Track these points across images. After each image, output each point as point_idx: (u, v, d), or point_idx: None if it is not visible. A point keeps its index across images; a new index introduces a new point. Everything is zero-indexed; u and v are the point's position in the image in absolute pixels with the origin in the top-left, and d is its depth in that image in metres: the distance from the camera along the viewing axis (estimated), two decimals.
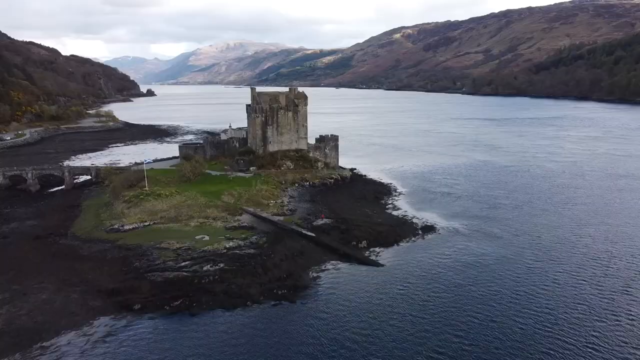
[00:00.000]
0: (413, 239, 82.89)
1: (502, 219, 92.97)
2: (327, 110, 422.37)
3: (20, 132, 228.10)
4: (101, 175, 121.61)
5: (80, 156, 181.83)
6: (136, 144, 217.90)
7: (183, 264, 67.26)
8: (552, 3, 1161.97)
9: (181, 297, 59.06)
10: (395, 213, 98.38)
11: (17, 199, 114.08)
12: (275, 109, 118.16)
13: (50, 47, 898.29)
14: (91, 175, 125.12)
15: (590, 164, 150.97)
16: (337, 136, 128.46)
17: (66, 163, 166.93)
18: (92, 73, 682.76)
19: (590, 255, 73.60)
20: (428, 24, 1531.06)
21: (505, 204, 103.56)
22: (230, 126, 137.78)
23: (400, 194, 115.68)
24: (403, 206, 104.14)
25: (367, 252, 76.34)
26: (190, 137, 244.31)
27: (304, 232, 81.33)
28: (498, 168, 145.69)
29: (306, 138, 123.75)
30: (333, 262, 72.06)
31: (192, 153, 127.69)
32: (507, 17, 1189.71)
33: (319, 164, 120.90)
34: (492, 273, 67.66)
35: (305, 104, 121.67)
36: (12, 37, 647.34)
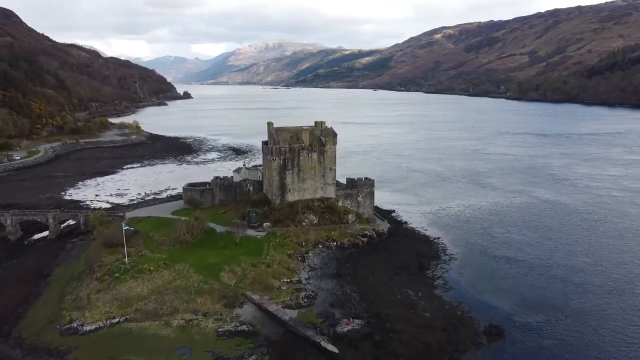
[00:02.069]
0: (475, 355, 59.34)
1: (599, 318, 67.59)
2: (363, 120, 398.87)
3: (34, 149, 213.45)
4: (89, 224, 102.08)
5: (88, 182, 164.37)
6: (153, 164, 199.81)
7: None
8: (603, 2, 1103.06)
9: None
10: (447, 297, 74.47)
11: None
12: (297, 150, 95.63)
13: (92, 49, 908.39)
14: (79, 223, 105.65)
15: None
16: (373, 181, 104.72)
17: (69, 191, 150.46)
18: (127, 76, 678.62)
19: None
20: (470, 24, 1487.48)
21: (596, 286, 77.65)
22: (244, 165, 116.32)
23: (451, 257, 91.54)
24: (456, 283, 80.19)
25: None
26: (213, 155, 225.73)
27: (322, 344, 58.69)
28: (570, 214, 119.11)
29: (334, 184, 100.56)
30: None
31: (199, 197, 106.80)
32: (554, 17, 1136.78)
33: (350, 216, 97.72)
34: None
35: (334, 142, 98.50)
36: (57, 38, 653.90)
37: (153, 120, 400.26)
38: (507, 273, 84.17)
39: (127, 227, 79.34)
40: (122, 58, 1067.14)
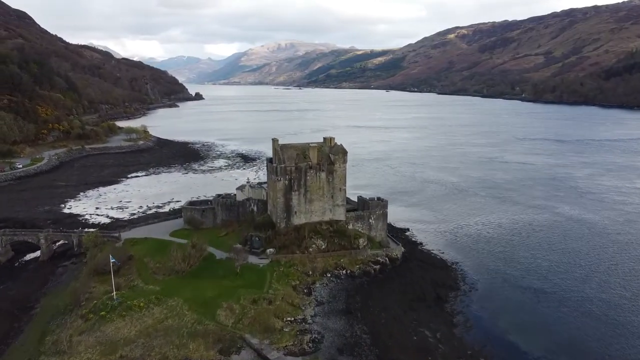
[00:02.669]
0: None
1: None
2: (375, 123, 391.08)
3: (38, 156, 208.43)
4: (83, 246, 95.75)
5: (90, 192, 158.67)
6: (159, 172, 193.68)
7: None
8: (620, 1, 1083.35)
9: None
10: (468, 339, 66.77)
11: None
12: (304, 169, 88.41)
13: (105, 49, 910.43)
14: (73, 244, 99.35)
15: None
16: (386, 201, 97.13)
17: (69, 204, 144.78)
18: (139, 77, 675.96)
19: None
20: (484, 23, 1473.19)
21: (637, 327, 69.57)
22: (248, 182, 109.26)
23: (471, 287, 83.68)
24: (478, 320, 72.30)
25: None
26: (221, 162, 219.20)
27: None
28: (599, 235, 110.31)
29: (344, 205, 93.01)
30: None
31: (199, 217, 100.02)
32: (570, 17, 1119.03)
33: (361, 240, 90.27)
34: None
35: (344, 161, 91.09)
36: (72, 39, 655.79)
37: (162, 123, 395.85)
38: (535, 308, 76.16)
39: (113, 260, 72.52)
40: (136, 58, 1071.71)
